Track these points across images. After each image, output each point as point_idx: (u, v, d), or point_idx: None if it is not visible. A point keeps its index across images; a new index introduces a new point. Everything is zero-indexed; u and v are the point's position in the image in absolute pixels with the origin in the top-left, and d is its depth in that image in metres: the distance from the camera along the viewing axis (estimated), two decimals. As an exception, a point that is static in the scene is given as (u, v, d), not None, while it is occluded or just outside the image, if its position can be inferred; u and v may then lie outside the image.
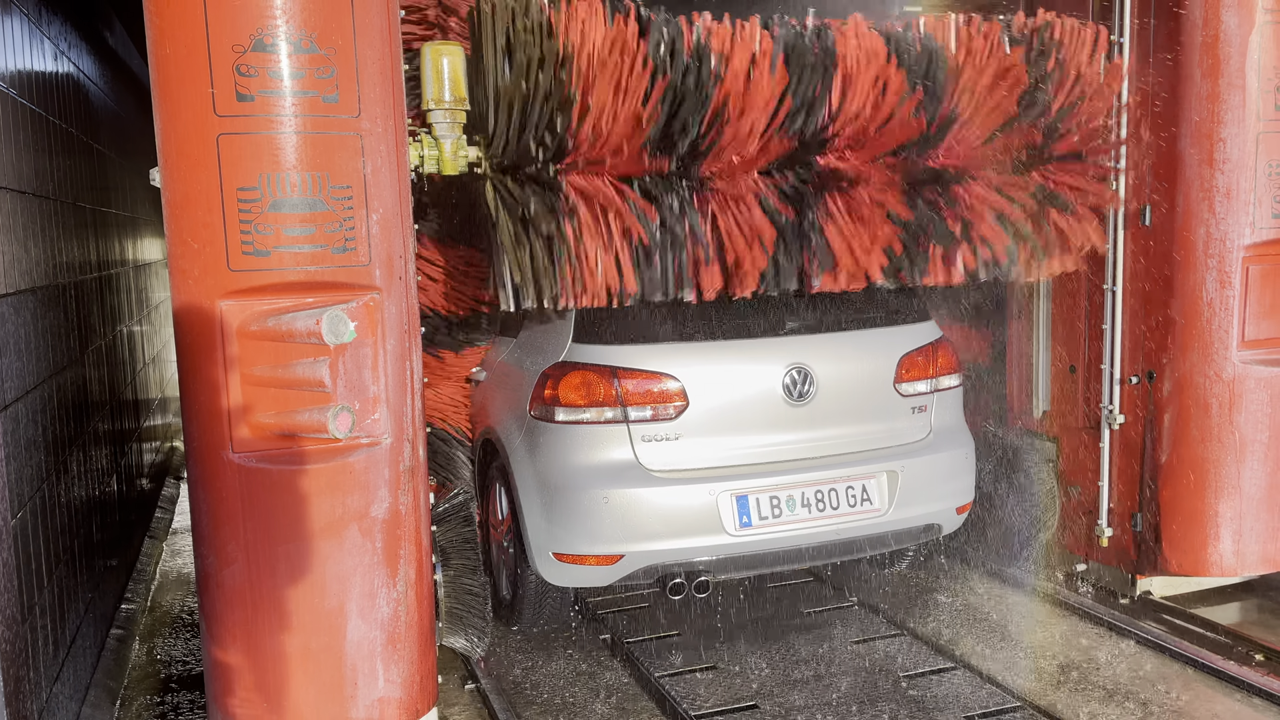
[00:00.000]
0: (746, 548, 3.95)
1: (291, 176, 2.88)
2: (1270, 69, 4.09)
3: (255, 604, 3.00)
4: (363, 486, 3.05)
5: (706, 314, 4.09)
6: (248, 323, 2.92)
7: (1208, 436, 4.29)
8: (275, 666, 3.02)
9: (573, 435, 3.94)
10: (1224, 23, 4.09)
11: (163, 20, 2.81)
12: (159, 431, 7.19)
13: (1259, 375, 4.23)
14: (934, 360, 4.34)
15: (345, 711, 3.10)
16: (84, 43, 5.06)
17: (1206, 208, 4.19)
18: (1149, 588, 4.62)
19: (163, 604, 5.11)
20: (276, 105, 2.84)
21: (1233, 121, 4.11)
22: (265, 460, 2.96)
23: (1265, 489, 4.29)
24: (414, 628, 3.22)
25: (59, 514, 3.51)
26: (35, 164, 3.57)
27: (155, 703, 3.98)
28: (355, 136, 2.95)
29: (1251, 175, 4.13)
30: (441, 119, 3.48)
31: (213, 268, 2.88)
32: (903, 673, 3.98)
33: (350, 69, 2.91)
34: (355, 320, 2.98)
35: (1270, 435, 4.27)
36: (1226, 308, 4.21)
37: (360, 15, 2.91)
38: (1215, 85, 4.12)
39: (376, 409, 3.06)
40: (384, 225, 3.04)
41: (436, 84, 3.43)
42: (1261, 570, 4.45)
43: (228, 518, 2.96)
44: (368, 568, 3.08)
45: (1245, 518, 4.30)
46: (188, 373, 2.97)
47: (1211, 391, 4.26)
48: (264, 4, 2.79)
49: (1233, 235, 4.17)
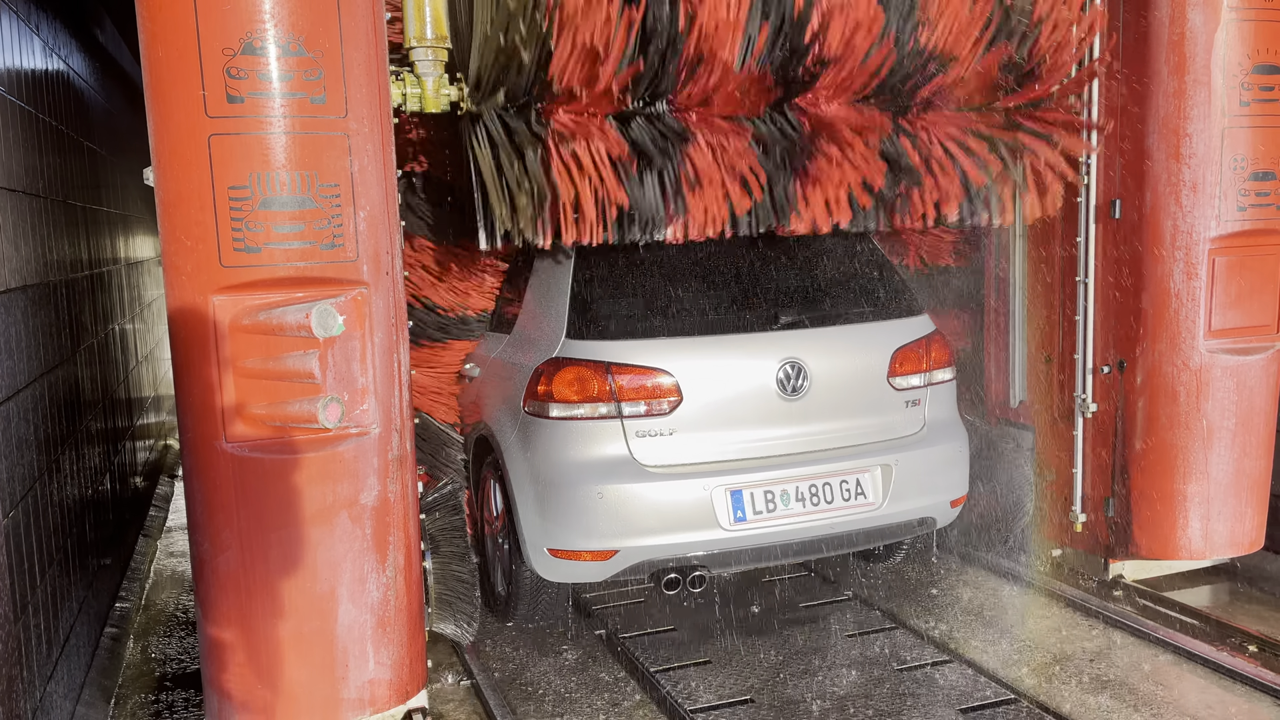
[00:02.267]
0: (741, 542, 3.95)
1: (281, 175, 2.97)
2: (1235, 66, 4.20)
3: (249, 589, 3.10)
4: (352, 475, 3.15)
5: (700, 309, 4.12)
6: (240, 317, 3.02)
7: (1176, 424, 4.41)
8: (269, 649, 3.13)
9: (567, 431, 3.95)
10: (1190, 21, 4.20)
11: (155, 24, 2.90)
12: (152, 429, 7.17)
13: (1225, 364, 4.36)
14: (928, 354, 4.35)
15: (337, 692, 3.21)
16: (74, 40, 5.05)
17: (1174, 201, 4.30)
18: (1121, 571, 4.74)
19: (157, 602, 5.12)
20: (266, 106, 2.93)
21: (1199, 117, 4.22)
22: (257, 450, 3.06)
23: (1232, 475, 4.42)
24: (403, 612, 3.33)
25: (52, 512, 3.51)
26: (26, 162, 3.57)
27: (150, 701, 3.98)
28: (343, 136, 3.05)
29: (1217, 169, 4.24)
30: (423, 57, 3.54)
31: (205, 264, 2.98)
32: (898, 665, 4.00)
33: (337, 71, 3.01)
34: (344, 314, 3.08)
35: (1236, 422, 4.39)
36: (1193, 298, 4.33)
37: (346, 18, 3.01)
38: (1181, 82, 4.23)
39: (365, 400, 3.16)
40: (371, 222, 3.14)
41: (419, 22, 3.50)
42: (1229, 554, 4.58)
43: (222, 506, 3.06)
44: (358, 553, 3.18)
45: (1213, 502, 4.43)
46: (182, 366, 3.06)
47: (1179, 380, 4.38)
48: (253, 8, 2.89)
49: (1199, 228, 4.28)
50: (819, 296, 4.29)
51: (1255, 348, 4.40)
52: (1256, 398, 4.41)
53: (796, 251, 4.44)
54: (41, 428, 3.49)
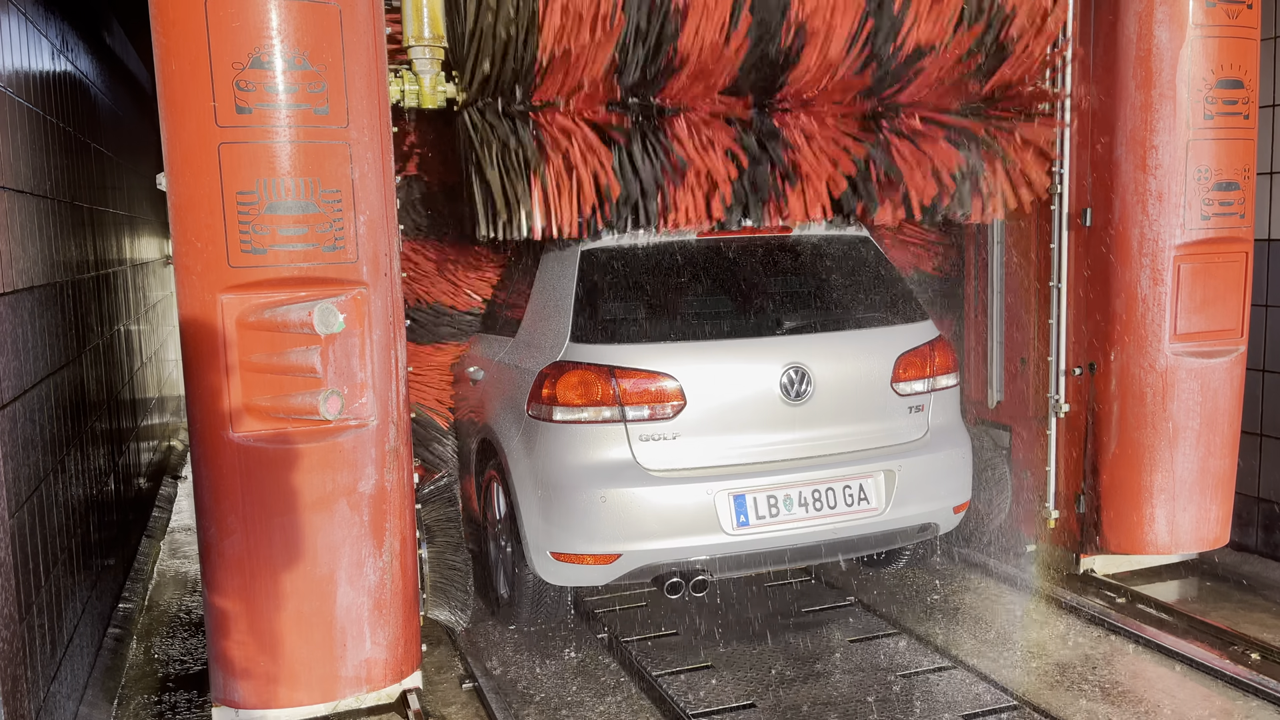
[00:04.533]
0: (744, 547, 3.94)
1: (286, 182, 3.16)
2: (1199, 80, 4.39)
3: (253, 572, 3.28)
4: (351, 464, 3.33)
5: (704, 313, 4.12)
6: (246, 314, 3.20)
7: (1143, 424, 4.59)
8: (272, 629, 3.31)
9: (570, 435, 3.95)
10: (1156, 37, 4.39)
11: (169, 39, 3.08)
12: (156, 430, 7.17)
13: (1189, 366, 4.54)
14: (931, 360, 4.35)
15: (335, 671, 3.39)
16: (82, 42, 5.10)
17: (1141, 210, 4.49)
18: (1091, 566, 4.93)
19: (160, 603, 5.10)
20: (272, 117, 3.12)
21: (1164, 130, 4.41)
22: (262, 440, 3.25)
23: (1196, 473, 4.60)
24: (399, 595, 3.51)
25: (56, 513, 3.53)
26: (33, 163, 3.60)
27: (153, 701, 3.97)
28: (344, 145, 3.23)
29: (1182, 180, 4.43)
30: (421, 55, 3.75)
31: (214, 265, 3.16)
32: (900, 671, 3.98)
33: (339, 84, 3.19)
34: (344, 312, 3.26)
35: (1201, 423, 4.57)
36: (1160, 304, 4.51)
37: (349, 34, 3.20)
38: (1148, 96, 4.42)
39: (364, 393, 3.34)
40: (370, 226, 3.32)
41: (416, 22, 3.70)
42: (1194, 549, 4.76)
43: (227, 492, 3.25)
44: (356, 539, 3.36)
45: (1178, 500, 4.61)
46: (191, 360, 3.25)
47: (1146, 382, 4.57)
48: (261, 25, 3.08)
49: (1165, 236, 4.47)
50: (823, 302, 4.30)
51: (1220, 351, 4.59)
52: (1221, 399, 4.59)
53: (800, 257, 4.46)
54: (47, 428, 3.51)
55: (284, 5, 3.09)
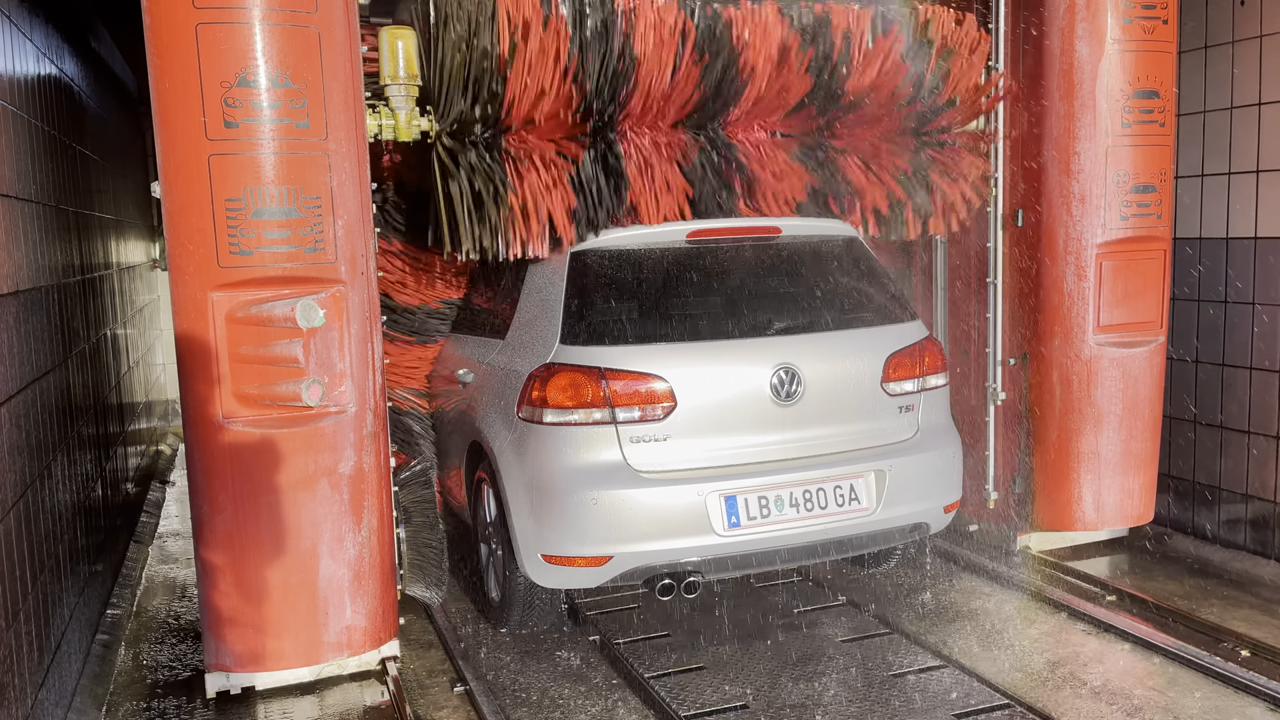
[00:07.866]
0: (735, 548, 3.94)
1: (270, 189, 3.46)
2: (1118, 91, 4.75)
3: (242, 546, 3.58)
4: (332, 447, 3.64)
5: (694, 314, 4.14)
6: (235, 311, 3.51)
7: (1070, 409, 4.95)
8: (259, 599, 3.61)
9: (561, 437, 3.94)
10: (1078, 52, 4.75)
11: (162, 60, 3.39)
12: (144, 435, 7.10)
13: (1112, 356, 4.90)
14: (921, 360, 4.36)
15: (319, 637, 3.69)
16: (67, 46, 5.08)
17: (1066, 211, 4.85)
18: (1027, 543, 5.28)
19: (149, 609, 5.05)
20: (257, 131, 3.43)
21: (1086, 137, 4.77)
22: (249, 425, 3.55)
23: (1120, 455, 4.96)
24: (376, 568, 3.81)
25: (43, 519, 3.52)
26: (18, 167, 3.59)
27: (141, 708, 3.94)
28: (323, 155, 3.54)
29: (1102, 183, 4.79)
30: (397, 93, 4.12)
31: (205, 265, 3.46)
32: (892, 670, 4.00)
33: (319, 100, 3.50)
34: (324, 308, 3.58)
35: (1123, 408, 4.93)
36: (1084, 298, 4.87)
37: (327, 56, 3.51)
38: (1071, 106, 4.78)
39: (343, 382, 3.65)
40: (348, 229, 3.63)
41: (392, 62, 4.08)
42: (1118, 525, 5.13)
43: (218, 473, 3.55)
44: (337, 516, 3.67)
45: (1103, 480, 4.97)
46: (185, 353, 3.54)
47: (1073, 370, 4.93)
48: (247, 47, 3.38)
49: (1088, 235, 4.83)
50: (813, 302, 4.30)
51: (1140, 341, 4.95)
52: (1142, 386, 4.96)
53: (790, 257, 4.44)
54: (33, 434, 3.49)
55: (268, 29, 3.40)
